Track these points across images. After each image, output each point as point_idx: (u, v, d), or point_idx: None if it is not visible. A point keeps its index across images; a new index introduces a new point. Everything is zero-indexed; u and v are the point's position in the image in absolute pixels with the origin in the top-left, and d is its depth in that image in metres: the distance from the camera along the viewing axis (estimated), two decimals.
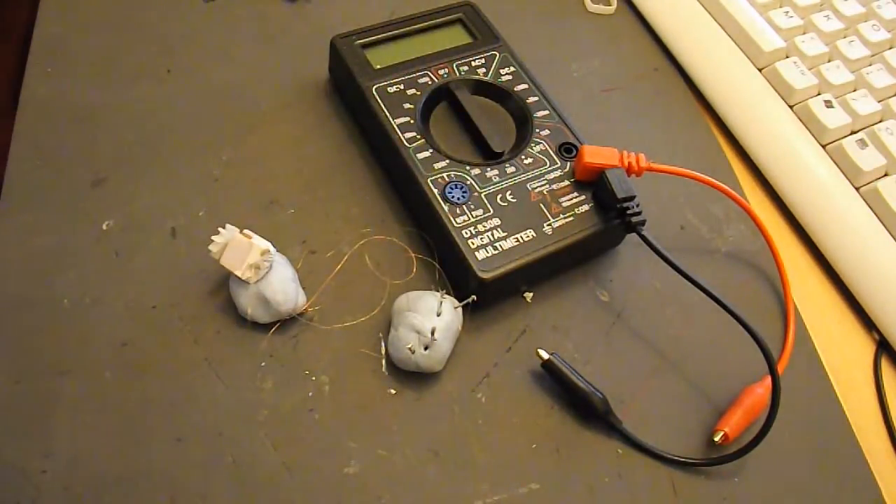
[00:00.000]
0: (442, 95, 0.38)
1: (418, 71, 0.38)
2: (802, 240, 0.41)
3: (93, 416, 0.30)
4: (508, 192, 0.35)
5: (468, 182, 0.35)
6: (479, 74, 0.39)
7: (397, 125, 0.36)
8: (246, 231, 0.31)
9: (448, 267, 0.35)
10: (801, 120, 0.43)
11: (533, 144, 0.37)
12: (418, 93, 0.37)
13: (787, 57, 0.45)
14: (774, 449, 0.33)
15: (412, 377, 0.32)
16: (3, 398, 0.30)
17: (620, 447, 0.32)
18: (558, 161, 0.36)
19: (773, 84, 0.44)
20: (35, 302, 0.32)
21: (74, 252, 0.34)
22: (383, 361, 0.33)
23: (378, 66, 0.38)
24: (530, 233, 0.34)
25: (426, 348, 0.31)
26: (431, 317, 0.31)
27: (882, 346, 0.38)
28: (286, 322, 0.33)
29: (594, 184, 0.35)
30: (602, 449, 0.32)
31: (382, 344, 0.33)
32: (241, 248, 0.31)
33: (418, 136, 0.36)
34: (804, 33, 0.46)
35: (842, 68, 0.44)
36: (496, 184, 0.35)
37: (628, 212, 0.34)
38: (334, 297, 0.34)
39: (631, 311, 0.36)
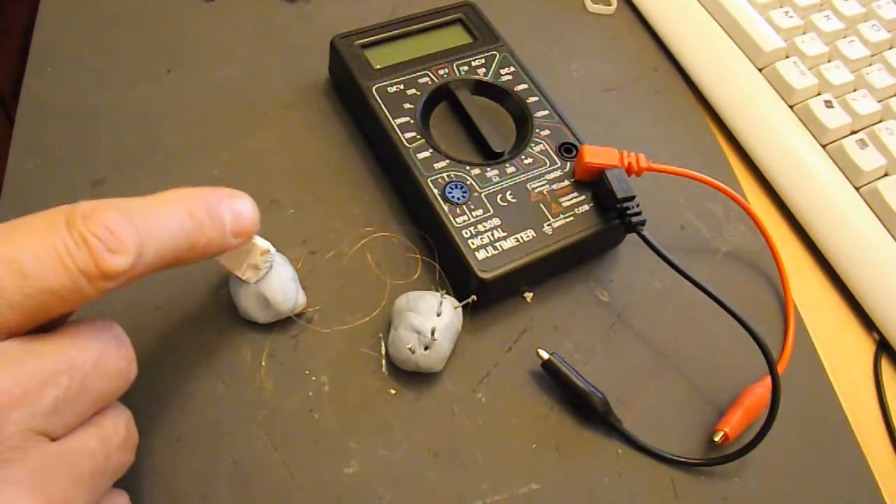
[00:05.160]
0: (442, 95, 0.38)
1: (418, 71, 0.38)
2: (802, 240, 0.41)
3: None
4: (508, 192, 0.35)
5: (468, 182, 0.35)
6: (479, 74, 0.39)
7: (397, 125, 0.36)
8: None
9: (448, 267, 0.35)
10: (801, 120, 0.43)
11: (533, 144, 0.37)
12: (418, 93, 0.38)
13: (787, 57, 0.45)
14: (774, 449, 0.33)
15: (412, 377, 0.32)
16: None
17: (620, 447, 0.32)
18: (558, 161, 0.36)
19: (773, 84, 0.44)
20: None
21: None
22: (383, 361, 0.33)
23: (378, 66, 0.38)
24: (530, 233, 0.34)
25: (426, 348, 0.31)
26: (431, 317, 0.31)
27: (882, 346, 0.38)
28: (286, 322, 0.33)
29: (594, 184, 0.35)
30: (602, 449, 0.32)
31: (382, 344, 0.33)
32: (241, 248, 0.31)
33: (418, 136, 0.36)
34: (804, 33, 0.46)
35: (842, 68, 0.44)
36: (496, 184, 0.35)
37: (628, 212, 0.34)
38: (334, 298, 0.34)
39: (631, 311, 0.36)
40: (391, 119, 0.36)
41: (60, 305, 0.21)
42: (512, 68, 0.40)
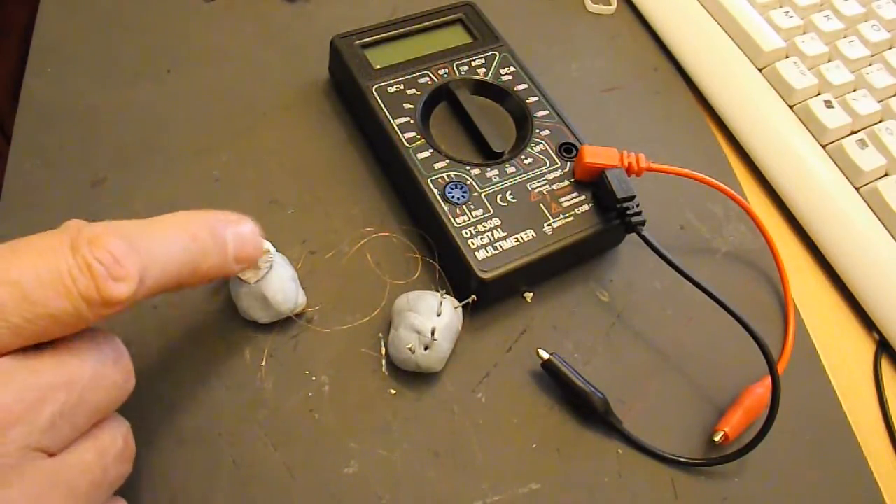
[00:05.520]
0: (442, 95, 0.38)
1: (418, 71, 0.38)
2: (802, 240, 0.41)
3: None
4: (508, 192, 0.35)
5: (468, 182, 0.35)
6: (479, 74, 0.39)
7: (397, 125, 0.36)
8: None
9: (448, 267, 0.35)
10: (801, 120, 0.43)
11: (533, 144, 0.37)
12: (418, 93, 0.38)
13: (787, 57, 0.45)
14: (774, 449, 0.33)
15: (412, 377, 0.32)
16: None
17: (620, 447, 0.32)
18: (558, 161, 0.36)
19: (773, 84, 0.44)
20: None
21: None
22: (383, 361, 0.33)
23: (378, 66, 0.38)
24: (530, 233, 0.34)
25: (426, 348, 0.31)
26: (431, 317, 0.31)
27: (882, 346, 0.38)
28: (286, 322, 0.33)
29: (594, 184, 0.35)
30: (602, 449, 0.32)
31: (382, 344, 0.33)
32: None
33: (418, 136, 0.36)
34: (804, 33, 0.46)
35: (842, 68, 0.44)
36: (496, 184, 0.35)
37: (628, 212, 0.34)
38: (334, 298, 0.34)
39: (631, 311, 0.36)
40: (391, 119, 0.36)
41: (58, 330, 0.21)
42: (512, 68, 0.40)
